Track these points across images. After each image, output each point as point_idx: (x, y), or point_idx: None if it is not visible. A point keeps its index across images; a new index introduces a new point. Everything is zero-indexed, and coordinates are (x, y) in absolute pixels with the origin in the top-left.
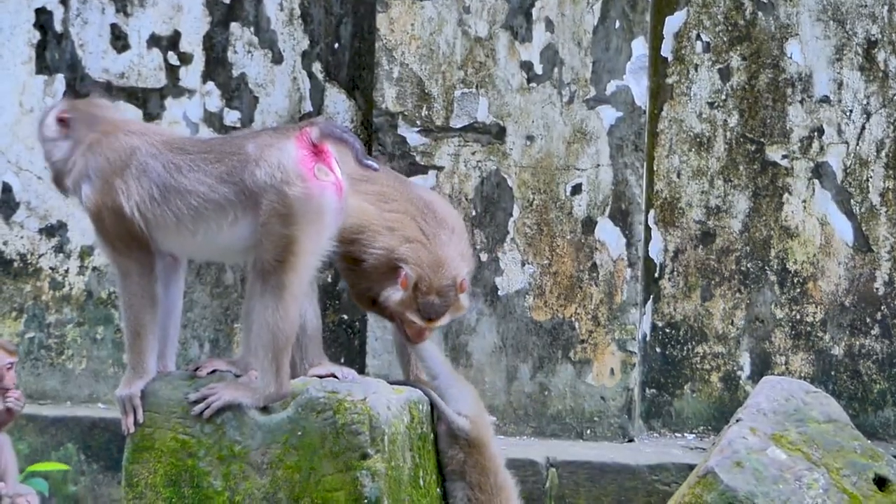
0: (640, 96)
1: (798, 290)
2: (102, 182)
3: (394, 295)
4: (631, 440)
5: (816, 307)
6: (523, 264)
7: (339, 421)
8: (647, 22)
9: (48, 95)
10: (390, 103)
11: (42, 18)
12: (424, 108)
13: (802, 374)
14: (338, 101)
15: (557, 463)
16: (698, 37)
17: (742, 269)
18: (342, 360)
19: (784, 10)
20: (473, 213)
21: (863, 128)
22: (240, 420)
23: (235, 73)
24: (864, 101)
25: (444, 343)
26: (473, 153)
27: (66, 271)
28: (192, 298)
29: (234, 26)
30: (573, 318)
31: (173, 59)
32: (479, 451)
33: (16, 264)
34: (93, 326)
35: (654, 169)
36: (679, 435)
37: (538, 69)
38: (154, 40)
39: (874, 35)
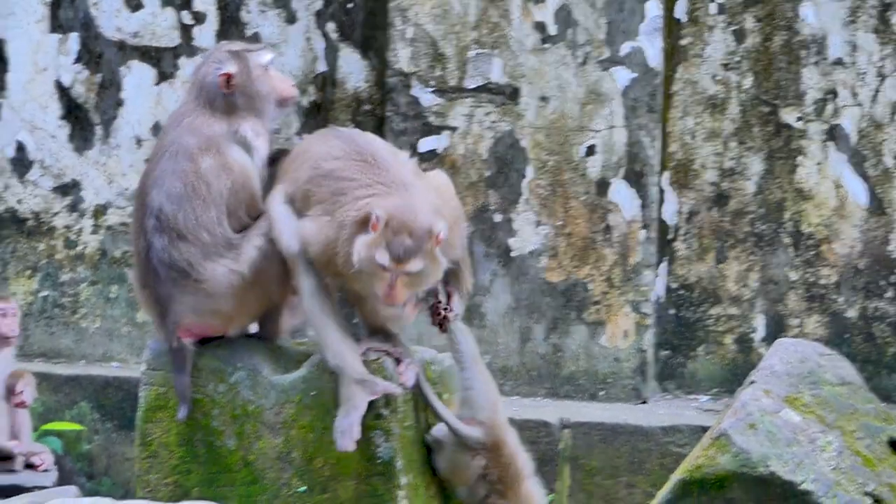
0: (654, 58)
1: (812, 252)
2: None
3: (362, 239)
4: (644, 402)
5: (831, 269)
6: (537, 225)
7: None
8: None
9: (62, 54)
10: (404, 63)
11: None
12: (438, 69)
13: (816, 337)
14: (351, 62)
15: (571, 424)
16: None
17: (756, 231)
18: (355, 321)
19: None
20: (487, 174)
21: (877, 90)
22: (253, 379)
23: (249, 32)
24: (879, 64)
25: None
26: (487, 114)
27: (80, 230)
28: None
29: None
30: (587, 280)
31: (187, 18)
32: (499, 453)
33: (30, 223)
34: (106, 285)
35: (669, 130)
36: (692, 397)
37: (552, 30)
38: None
39: None
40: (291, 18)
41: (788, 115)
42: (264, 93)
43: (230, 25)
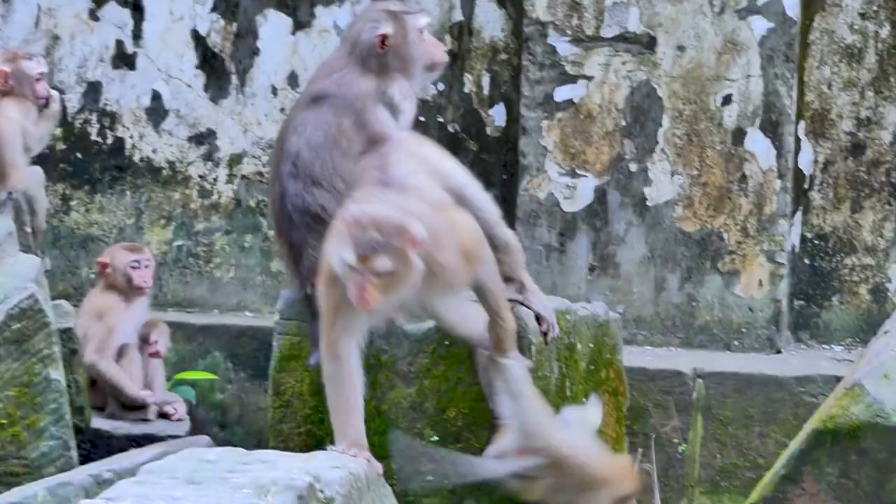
0: (792, 7)
1: None
2: None
3: (333, 239)
4: (778, 351)
5: None
6: (672, 175)
7: None
8: None
9: (198, 3)
10: (541, 12)
11: None
12: (575, 18)
13: None
14: (488, 11)
15: (704, 374)
16: None
17: (892, 180)
18: None
19: None
20: (623, 124)
21: None
22: (387, 329)
23: None
24: None
25: (593, 253)
26: (624, 63)
27: (215, 179)
28: None
29: None
30: (722, 229)
31: None
32: (562, 467)
33: (164, 172)
34: (241, 235)
35: (805, 80)
36: (826, 347)
37: None
38: None
39: None
40: None
41: None
42: (417, 56)
43: None
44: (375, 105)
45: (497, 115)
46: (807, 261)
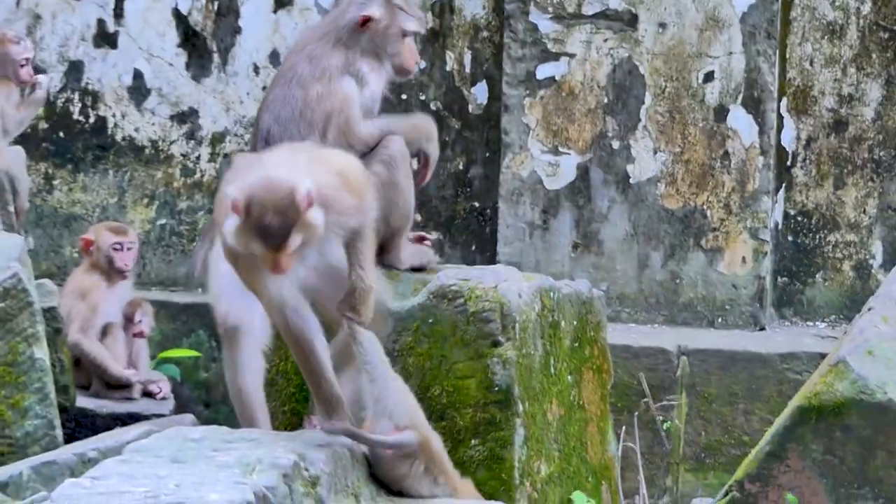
0: None
1: None
2: None
3: (228, 228)
4: (762, 328)
5: None
6: (655, 152)
7: (470, 308)
8: None
9: None
10: None
11: None
12: None
13: None
14: None
15: (689, 351)
16: None
17: (875, 157)
18: (473, 248)
19: None
20: (605, 101)
21: None
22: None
23: None
24: None
25: (576, 230)
26: (605, 40)
27: (198, 158)
28: None
29: None
30: (705, 206)
31: None
32: (430, 449)
33: (147, 151)
34: None
35: (787, 57)
36: (811, 323)
37: None
38: None
39: None
40: None
41: None
42: (391, 52)
43: None
44: (342, 76)
45: (479, 93)
46: (790, 237)
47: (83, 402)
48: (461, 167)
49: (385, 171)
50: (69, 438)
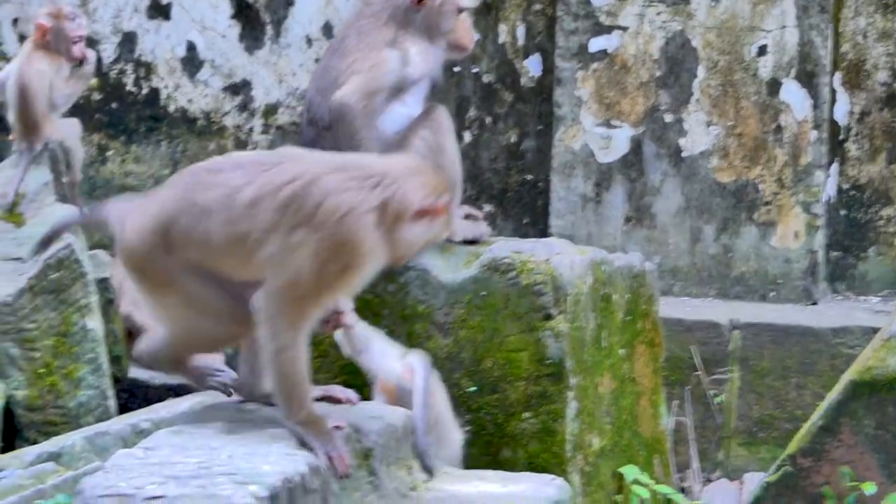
0: None
1: None
2: None
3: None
4: (815, 303)
5: None
6: (708, 125)
7: (522, 281)
8: None
9: None
10: None
11: None
12: None
13: None
14: None
15: (741, 325)
16: None
17: None
18: (525, 221)
19: None
20: (658, 74)
21: None
22: (423, 280)
23: None
24: None
25: (628, 204)
26: (658, 14)
27: (251, 130)
28: None
29: None
30: (757, 180)
31: None
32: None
33: (200, 122)
34: None
35: (840, 31)
36: (863, 298)
37: None
38: None
39: None
40: None
41: None
42: (445, 29)
43: None
44: (382, 48)
45: (532, 66)
46: (843, 212)
47: (136, 372)
48: (514, 140)
49: (432, 136)
50: (122, 409)
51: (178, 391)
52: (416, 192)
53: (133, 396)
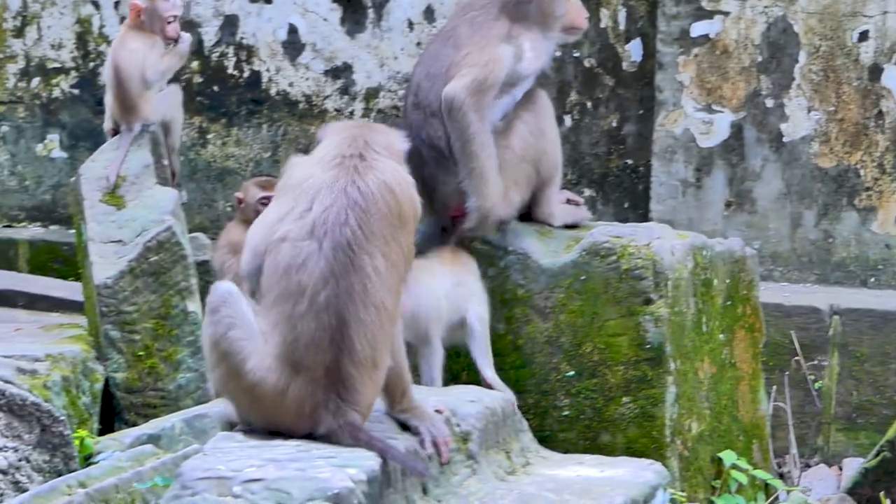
0: None
1: None
2: None
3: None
4: None
5: None
6: (809, 111)
7: (622, 266)
8: None
9: None
10: None
11: None
12: None
13: None
14: None
15: (841, 310)
16: None
17: None
18: (626, 205)
19: None
20: (759, 59)
21: None
22: (523, 264)
23: None
24: None
25: (729, 189)
26: None
27: (352, 113)
28: None
29: None
30: (858, 166)
31: None
32: None
33: (301, 105)
34: None
35: None
36: None
37: None
38: None
39: None
40: None
41: None
42: (558, 14)
43: None
44: (498, 43)
45: (633, 50)
46: None
47: None
48: (614, 124)
49: (533, 119)
50: None
51: None
52: None
53: None
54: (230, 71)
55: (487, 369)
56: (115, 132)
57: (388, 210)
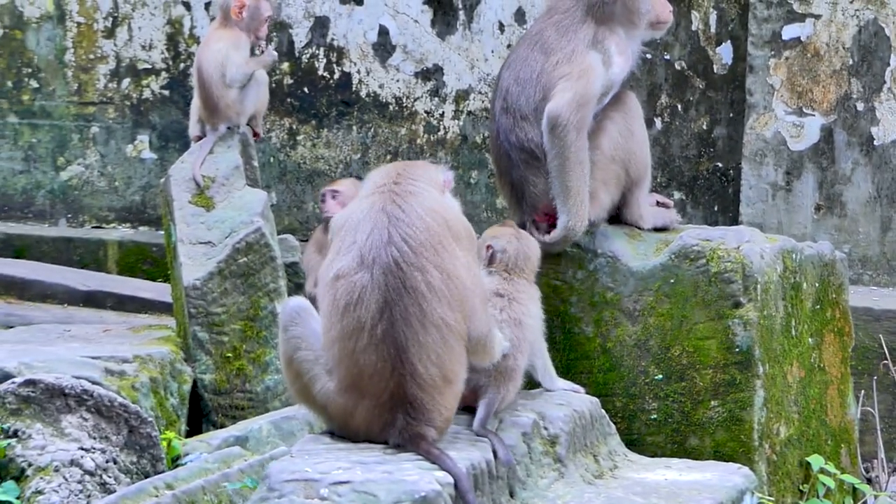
0: None
1: None
2: None
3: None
4: None
5: None
6: None
7: (711, 269)
8: None
9: None
10: None
11: None
12: None
13: None
14: None
15: None
16: None
17: None
18: (715, 208)
19: None
20: (850, 62)
21: None
22: (612, 266)
23: None
24: None
25: (819, 192)
26: (851, 2)
27: (442, 115)
28: None
29: None
30: None
31: None
32: None
33: (391, 107)
34: (467, 171)
35: None
36: None
37: None
38: None
39: None
40: None
41: None
42: (644, 10)
43: None
44: (588, 50)
45: (724, 53)
46: None
47: None
48: (705, 127)
49: (622, 119)
50: None
51: None
52: None
53: None
54: (321, 72)
55: (551, 382)
56: (200, 139)
57: (432, 221)
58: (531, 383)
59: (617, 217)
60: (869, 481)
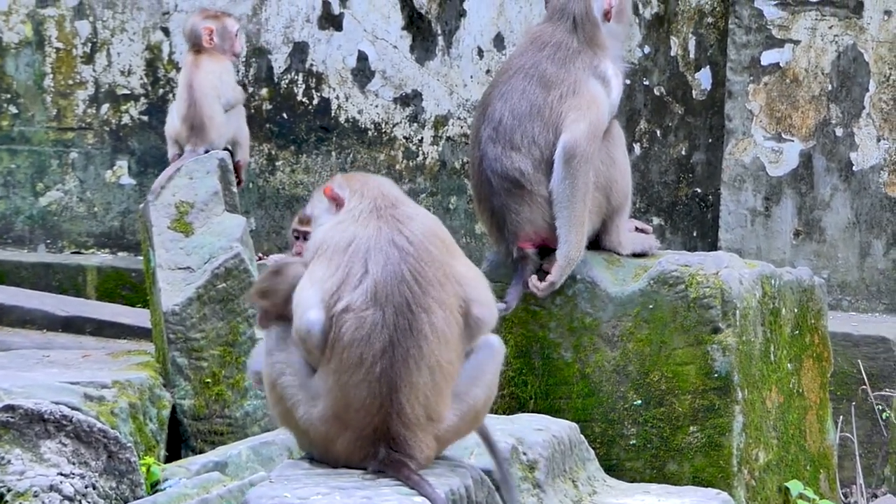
0: None
1: None
2: None
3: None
4: None
5: None
6: (878, 140)
7: (690, 294)
8: None
9: None
10: None
11: None
12: None
13: None
14: None
15: None
16: None
17: None
18: (694, 234)
19: None
20: (829, 88)
21: None
22: (591, 292)
23: None
24: None
25: (798, 218)
26: (830, 27)
27: (421, 140)
28: None
29: None
30: None
31: None
32: None
33: (370, 133)
34: (445, 196)
35: None
36: None
37: None
38: None
39: None
40: None
41: None
42: (625, 31)
43: None
44: (588, 78)
45: (703, 79)
46: None
47: None
48: (684, 153)
49: (605, 147)
50: None
51: None
52: None
53: None
54: (300, 98)
55: None
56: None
57: (435, 248)
58: (530, 406)
59: (596, 243)
60: None
